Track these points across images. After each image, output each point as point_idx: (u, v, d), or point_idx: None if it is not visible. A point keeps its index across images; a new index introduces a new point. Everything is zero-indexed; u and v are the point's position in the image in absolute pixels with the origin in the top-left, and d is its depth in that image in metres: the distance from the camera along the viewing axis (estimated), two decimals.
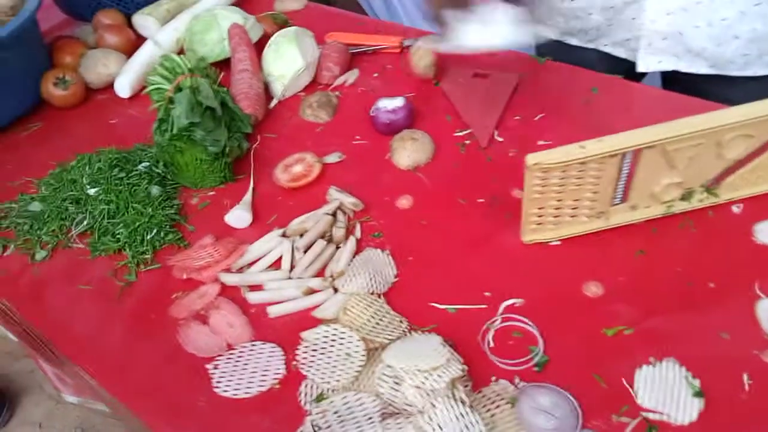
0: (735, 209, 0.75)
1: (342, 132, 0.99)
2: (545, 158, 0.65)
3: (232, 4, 1.30)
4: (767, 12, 0.86)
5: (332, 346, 0.67)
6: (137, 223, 0.85)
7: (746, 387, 0.59)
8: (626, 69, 1.03)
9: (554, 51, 1.10)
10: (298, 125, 1.02)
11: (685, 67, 0.97)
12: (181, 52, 1.20)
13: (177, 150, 0.88)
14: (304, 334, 0.70)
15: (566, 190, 0.69)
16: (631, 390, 0.60)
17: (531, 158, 0.65)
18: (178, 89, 0.91)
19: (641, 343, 0.64)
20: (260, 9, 1.30)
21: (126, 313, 0.78)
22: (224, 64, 1.10)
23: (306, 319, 0.72)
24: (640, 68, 1.00)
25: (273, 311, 0.74)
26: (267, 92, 1.08)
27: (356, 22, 1.24)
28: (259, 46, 1.13)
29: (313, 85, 1.10)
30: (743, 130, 0.65)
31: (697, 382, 0.60)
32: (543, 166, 0.65)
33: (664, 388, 0.60)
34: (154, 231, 0.85)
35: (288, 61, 1.06)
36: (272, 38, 1.11)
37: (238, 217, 0.85)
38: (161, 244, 0.85)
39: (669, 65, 0.98)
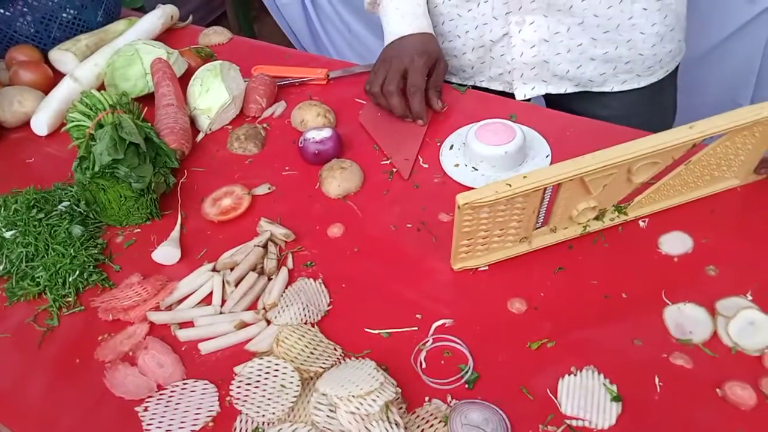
0: (641, 224, 0.81)
1: (271, 164, 0.99)
2: (475, 197, 0.67)
3: (155, 39, 1.29)
4: (615, 38, 1.03)
5: (266, 378, 0.67)
6: (58, 265, 0.82)
7: (658, 389, 0.64)
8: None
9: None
10: (226, 158, 1.02)
11: (554, 89, 1.11)
12: (101, 87, 1.18)
13: (100, 188, 0.86)
14: (238, 369, 0.69)
15: (493, 222, 0.72)
16: (555, 399, 0.64)
17: (461, 198, 0.67)
18: (99, 126, 0.90)
19: (563, 354, 0.68)
20: (184, 43, 1.30)
21: (48, 359, 0.75)
22: (147, 100, 1.09)
23: (239, 354, 0.72)
24: (518, 97, 1.12)
25: (205, 348, 0.73)
26: (193, 126, 1.07)
27: (281, 55, 1.25)
28: (184, 80, 1.13)
29: (240, 118, 1.10)
30: (650, 159, 0.71)
31: (614, 388, 0.64)
32: (473, 205, 0.68)
33: (585, 395, 0.63)
34: (77, 272, 0.82)
35: (214, 94, 1.06)
36: (197, 72, 1.11)
37: (166, 253, 0.84)
38: (85, 286, 0.82)
39: (540, 90, 1.12)
